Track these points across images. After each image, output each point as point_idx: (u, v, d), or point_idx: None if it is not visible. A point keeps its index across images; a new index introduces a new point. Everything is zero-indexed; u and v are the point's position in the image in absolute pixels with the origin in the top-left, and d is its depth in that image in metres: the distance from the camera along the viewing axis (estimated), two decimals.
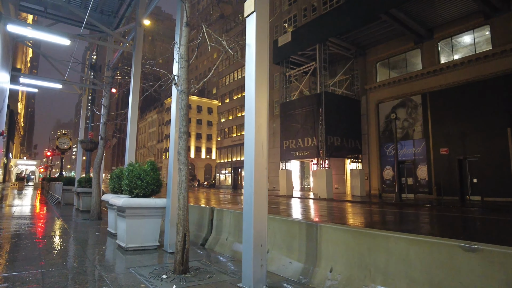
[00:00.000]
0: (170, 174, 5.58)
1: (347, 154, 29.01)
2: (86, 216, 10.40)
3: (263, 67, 3.80)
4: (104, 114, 10.02)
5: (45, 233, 7.01)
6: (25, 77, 11.14)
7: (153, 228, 5.58)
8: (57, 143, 21.31)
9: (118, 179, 6.98)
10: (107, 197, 6.86)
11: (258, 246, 3.50)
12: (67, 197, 15.45)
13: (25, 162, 60.90)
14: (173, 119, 5.69)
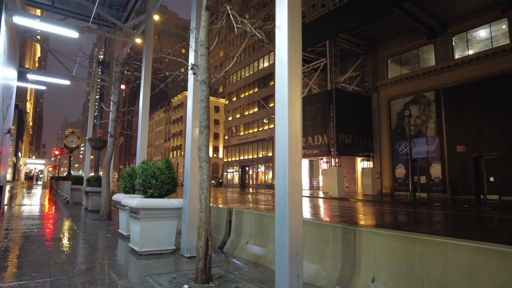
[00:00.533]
0: (187, 172, 5.18)
1: (358, 152, 28.46)
2: (95, 216, 10.07)
3: (296, 51, 3.38)
4: (113, 111, 9.67)
5: (54, 235, 6.67)
6: (33, 73, 10.85)
7: (169, 231, 5.19)
8: (65, 141, 21.11)
9: (130, 178, 6.61)
10: (118, 197, 6.49)
11: (294, 255, 3.08)
12: (76, 196, 15.18)
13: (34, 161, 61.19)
14: (189, 113, 5.29)
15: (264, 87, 44.77)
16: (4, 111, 8.01)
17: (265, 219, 5.03)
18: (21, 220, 8.71)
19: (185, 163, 5.27)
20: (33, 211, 11.19)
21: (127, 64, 9.90)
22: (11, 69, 8.71)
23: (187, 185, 5.15)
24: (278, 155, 3.25)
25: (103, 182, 9.38)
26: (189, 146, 5.20)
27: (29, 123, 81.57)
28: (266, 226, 4.97)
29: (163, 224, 5.12)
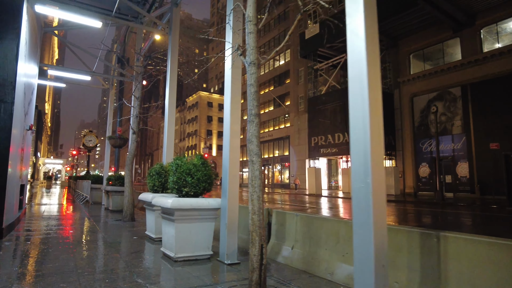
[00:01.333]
0: (226, 169, 4.64)
1: None
2: (117, 217, 9.68)
3: (373, 20, 2.79)
4: (136, 107, 9.24)
5: (78, 237, 6.24)
6: (53, 69, 10.55)
7: (206, 234, 4.67)
8: (83, 141, 20.96)
9: (159, 176, 6.13)
10: (146, 196, 6.02)
11: (380, 268, 2.50)
12: (95, 195, 14.91)
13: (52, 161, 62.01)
14: (227, 102, 4.75)
15: (280, 86, 44.13)
16: (26, 107, 7.66)
17: (314, 222, 4.45)
18: (42, 220, 8.36)
19: (223, 158, 4.74)
20: (54, 211, 10.89)
21: (149, 58, 9.46)
22: (32, 64, 8.36)
23: (226, 183, 4.61)
24: (355, 146, 2.67)
25: (126, 180, 8.96)
26: (228, 139, 4.66)
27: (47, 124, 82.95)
28: (316, 230, 4.39)
29: (200, 227, 4.60)
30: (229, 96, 4.72)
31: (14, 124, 6.01)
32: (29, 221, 8.10)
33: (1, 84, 5.77)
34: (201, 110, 73.95)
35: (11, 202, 6.34)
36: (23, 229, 6.85)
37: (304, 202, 17.95)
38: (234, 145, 4.66)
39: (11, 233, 6.23)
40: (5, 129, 5.74)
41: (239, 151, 4.76)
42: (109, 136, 13.14)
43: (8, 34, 5.95)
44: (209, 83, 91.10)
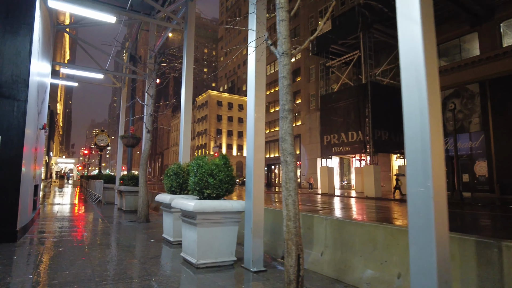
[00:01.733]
0: (250, 169, 4.34)
1: (395, 149, 26.94)
2: (131, 217, 9.48)
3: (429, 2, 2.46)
4: (150, 105, 9.01)
5: (93, 240, 6.02)
6: (66, 67, 10.40)
7: (230, 239, 4.38)
8: (95, 140, 20.93)
9: (176, 176, 5.87)
10: (163, 197, 5.76)
11: (443, 284, 2.17)
12: (108, 195, 14.79)
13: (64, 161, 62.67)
14: (251, 96, 4.45)
15: None
16: (39, 106, 7.48)
17: (347, 227, 4.13)
18: (56, 222, 8.19)
19: (247, 158, 4.45)
20: (67, 211, 10.76)
21: (163, 55, 9.22)
22: (45, 62, 8.19)
23: (250, 184, 4.31)
24: (411, 144, 2.35)
25: (141, 181, 8.74)
26: (252, 137, 4.36)
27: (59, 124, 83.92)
28: (349, 235, 4.07)
29: (223, 231, 4.32)
30: (253, 92, 4.42)
31: (28, 123, 5.81)
32: (43, 223, 7.94)
33: (14, 81, 5.57)
34: (211, 109, 73.89)
35: (25, 204, 6.15)
36: (37, 231, 6.66)
37: (320, 203, 17.59)
38: (258, 143, 4.36)
39: (25, 236, 6.04)
40: (18, 128, 5.54)
41: (264, 150, 4.46)
42: (122, 135, 12.98)
43: (21, 30, 5.75)
44: (218, 82, 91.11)
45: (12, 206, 5.38)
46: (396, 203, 18.00)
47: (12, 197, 5.40)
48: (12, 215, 5.38)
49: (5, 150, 5.39)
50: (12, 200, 5.39)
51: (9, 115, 5.47)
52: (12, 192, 5.41)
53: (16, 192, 5.43)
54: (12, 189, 5.41)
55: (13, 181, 5.43)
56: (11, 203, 5.38)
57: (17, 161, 5.47)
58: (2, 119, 5.42)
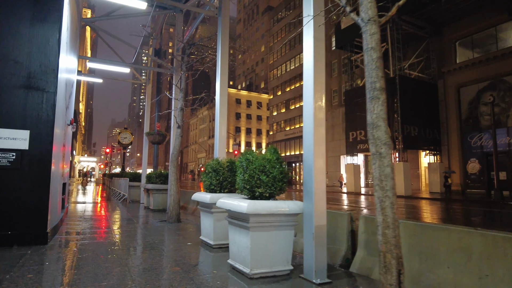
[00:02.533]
0: (309, 166, 3.76)
1: (424, 146, 25.80)
2: (160, 217, 9.07)
3: None
4: (180, 99, 8.55)
5: (127, 243, 5.58)
6: (92, 61, 10.10)
7: (285, 245, 3.82)
8: (118, 138, 20.79)
9: (216, 173, 5.34)
10: (202, 196, 5.25)
11: None
12: (133, 193, 14.51)
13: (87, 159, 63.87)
14: (309, 85, 3.87)
15: None
16: (67, 100, 7.12)
17: (427, 232, 3.49)
18: (84, 222, 7.84)
19: (305, 153, 3.87)
20: (94, 210, 10.47)
21: (192, 46, 8.74)
22: (73, 54, 7.82)
23: (310, 182, 3.73)
24: None
25: (171, 178, 8.29)
26: (311, 129, 3.78)
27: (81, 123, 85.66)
28: (430, 242, 3.43)
29: (279, 236, 3.76)
30: (311, 77, 3.83)
31: (57, 117, 5.41)
32: (72, 222, 7.60)
33: (43, 71, 5.17)
34: (230, 107, 73.59)
35: (54, 203, 5.77)
36: (66, 232, 6.29)
37: (352, 202, 16.84)
38: (319, 135, 3.78)
39: (55, 237, 5.66)
40: (47, 123, 5.13)
41: (325, 144, 3.87)
42: (148, 132, 12.64)
43: (50, 17, 5.34)
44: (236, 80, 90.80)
45: (42, 206, 4.99)
46: (427, 202, 17.05)
47: (42, 196, 5.01)
48: (42, 215, 4.98)
49: (34, 145, 4.99)
50: (42, 200, 5.00)
51: (38, 108, 5.07)
52: (42, 191, 5.01)
53: (46, 191, 5.04)
54: (42, 187, 5.01)
55: (43, 179, 5.03)
56: (41, 203, 4.99)
57: (46, 158, 5.07)
58: (30, 112, 5.03)
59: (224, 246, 5.18)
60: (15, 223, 4.81)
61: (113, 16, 9.17)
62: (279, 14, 54.19)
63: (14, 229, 4.79)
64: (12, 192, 4.82)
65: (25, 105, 4.98)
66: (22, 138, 4.91)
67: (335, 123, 37.10)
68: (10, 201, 4.80)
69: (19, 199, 4.85)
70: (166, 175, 10.77)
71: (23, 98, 4.99)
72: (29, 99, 5.03)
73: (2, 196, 4.77)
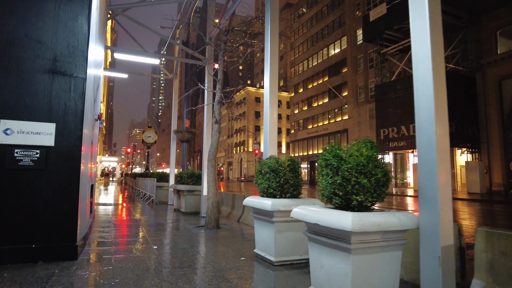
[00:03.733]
0: (430, 159, 2.75)
1: (461, 143, 24.17)
2: (195, 221, 8.22)
3: None
4: (217, 90, 7.65)
5: (170, 257, 4.70)
6: (120, 51, 9.36)
7: (392, 271, 2.83)
8: (142, 136, 20.21)
9: (275, 174, 4.39)
10: (260, 202, 4.32)
11: None
12: (160, 194, 13.79)
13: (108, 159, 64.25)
14: (426, 62, 2.85)
15: (335, 75, 41.35)
16: (95, 91, 6.33)
17: None
18: (115, 228, 7.06)
19: (419, 151, 2.86)
20: (122, 214, 9.74)
21: (231, 31, 7.83)
22: (100, 46, 7.04)
23: (431, 186, 2.72)
24: None
25: (209, 179, 7.39)
26: (431, 118, 2.76)
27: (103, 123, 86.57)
28: None
29: (384, 259, 2.77)
30: (427, 47, 2.81)
31: (86, 109, 4.59)
32: (101, 229, 6.82)
33: (70, 53, 4.34)
34: (249, 105, 72.84)
35: (84, 208, 4.96)
36: (97, 242, 5.48)
37: (388, 204, 15.64)
38: (442, 123, 2.76)
39: (85, 249, 4.85)
40: (76, 114, 4.31)
41: (448, 138, 2.85)
42: (176, 129, 11.85)
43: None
44: (255, 78, 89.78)
45: (71, 214, 4.17)
46: (469, 203, 15.61)
47: (71, 202, 4.19)
48: (71, 225, 4.16)
49: (61, 141, 4.18)
50: (70, 206, 4.18)
51: (65, 97, 4.26)
52: (71, 195, 4.19)
53: (75, 196, 4.21)
54: (70, 191, 4.19)
55: (72, 181, 4.21)
56: (70, 210, 4.17)
57: (75, 156, 4.25)
58: (56, 101, 4.21)
59: (287, 263, 4.24)
60: (40, 234, 4.00)
61: (145, 3, 8.37)
62: (300, 10, 52.90)
63: (38, 242, 3.99)
64: (36, 197, 4.02)
65: (50, 93, 4.17)
66: (47, 133, 4.09)
67: (361, 120, 35.65)
68: (34, 209, 3.99)
69: (44, 206, 4.04)
70: (198, 175, 9.93)
71: (48, 84, 4.17)
72: (55, 86, 4.21)
73: (24, 203, 3.97)
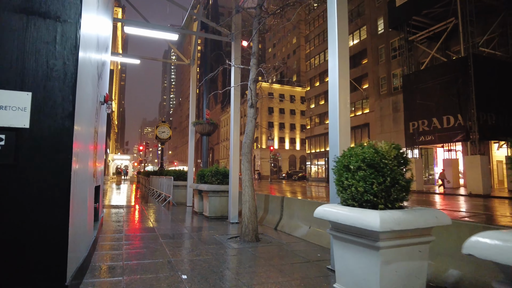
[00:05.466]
0: None
1: (502, 136, 22.09)
2: (223, 229, 6.69)
3: None
4: (252, 66, 6.06)
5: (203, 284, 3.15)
6: (131, 24, 7.82)
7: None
8: (156, 132, 18.77)
9: (376, 172, 2.78)
10: (355, 217, 2.71)
11: None
12: (177, 194, 12.32)
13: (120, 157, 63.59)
14: None
15: (354, 67, 39.27)
16: (100, 67, 4.81)
17: None
18: (127, 242, 5.55)
19: None
20: (136, 220, 8.26)
21: None
22: (106, 16, 5.49)
23: None
24: None
25: (245, 178, 5.81)
26: None
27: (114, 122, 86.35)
28: None
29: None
30: None
31: (82, 73, 3.04)
32: (109, 245, 5.31)
33: None
34: (262, 101, 71.14)
35: (80, 222, 3.44)
36: (103, 270, 3.95)
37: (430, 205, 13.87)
38: None
39: (83, 283, 3.32)
40: (65, 78, 2.75)
41: None
42: (196, 121, 10.32)
43: None
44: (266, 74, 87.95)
45: (57, 234, 2.63)
46: None
47: (58, 215, 2.65)
48: (57, 252, 2.63)
49: (41, 120, 2.64)
50: (57, 222, 2.64)
51: (47, 52, 2.71)
52: (57, 204, 2.65)
53: (63, 205, 2.67)
54: (56, 199, 2.65)
55: (58, 183, 2.67)
56: (56, 228, 2.63)
57: (64, 143, 2.70)
58: (34, 58, 2.67)
59: None
60: (7, 270, 2.47)
61: None
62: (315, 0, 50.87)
63: (5, 283, 2.46)
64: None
65: (23, 44, 2.63)
66: (17, 107, 2.57)
67: (384, 113, 33.63)
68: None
69: (14, 224, 2.51)
70: (224, 173, 8.38)
71: (20, 31, 2.64)
72: (31, 34, 2.67)
73: None
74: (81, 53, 2.91)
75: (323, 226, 5.65)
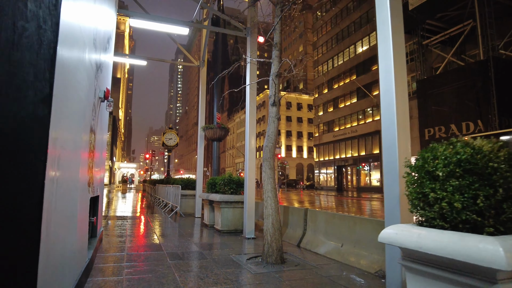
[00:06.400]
0: None
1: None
2: (238, 246, 5.83)
3: None
4: (274, 59, 5.27)
5: None
6: (137, 17, 7.08)
7: None
8: (163, 139, 18.06)
9: (482, 179, 1.93)
10: (454, 243, 1.85)
11: None
12: (185, 205, 11.49)
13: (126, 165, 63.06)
14: None
15: (364, 73, 38.45)
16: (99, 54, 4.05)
17: None
18: (129, 265, 4.72)
19: None
20: (141, 235, 7.43)
21: None
22: (107, 6, 4.76)
23: None
24: None
25: (267, 187, 4.96)
26: None
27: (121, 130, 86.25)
28: None
29: None
30: None
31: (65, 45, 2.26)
32: (108, 271, 4.47)
33: None
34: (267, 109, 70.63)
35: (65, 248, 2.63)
36: None
37: None
38: None
39: None
40: (40, 47, 1.96)
41: None
42: (206, 125, 9.54)
43: None
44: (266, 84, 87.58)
45: (20, 272, 1.80)
46: None
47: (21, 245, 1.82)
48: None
49: (1, 104, 1.83)
50: (19, 255, 1.81)
51: (13, 8, 1.92)
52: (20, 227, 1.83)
53: (30, 231, 1.84)
54: (20, 218, 1.83)
55: (24, 195, 1.84)
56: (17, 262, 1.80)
57: (34, 136, 1.89)
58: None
59: None
60: None
61: None
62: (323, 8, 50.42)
63: None
64: None
65: None
66: None
67: None
68: None
69: None
70: (238, 182, 7.54)
71: None
72: None
73: None
74: (65, 16, 2.13)
75: (359, 245, 4.77)
